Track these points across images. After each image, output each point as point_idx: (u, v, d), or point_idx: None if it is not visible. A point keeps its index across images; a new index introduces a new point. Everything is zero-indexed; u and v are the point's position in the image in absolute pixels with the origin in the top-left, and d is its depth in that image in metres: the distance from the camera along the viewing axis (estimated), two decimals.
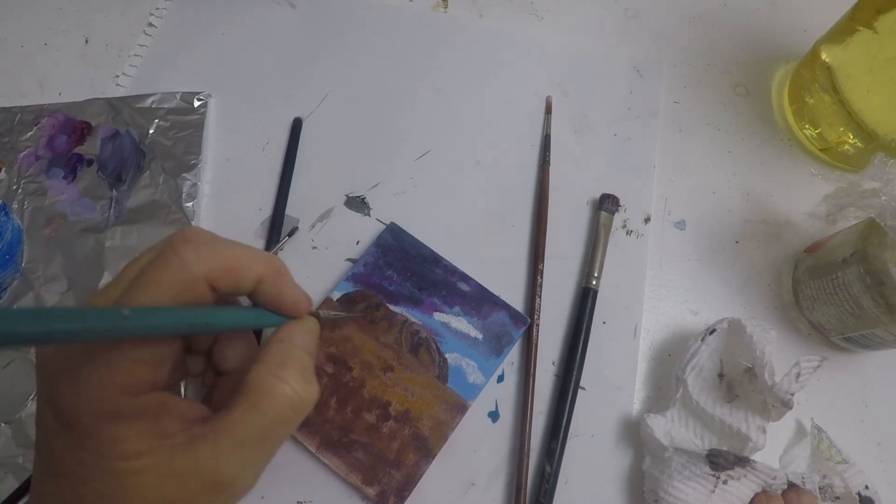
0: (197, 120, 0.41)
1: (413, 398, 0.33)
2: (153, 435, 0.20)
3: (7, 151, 0.40)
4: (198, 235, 0.21)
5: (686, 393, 0.32)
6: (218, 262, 0.21)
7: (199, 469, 0.20)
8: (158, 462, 0.20)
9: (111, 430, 0.19)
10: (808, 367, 0.29)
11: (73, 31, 0.45)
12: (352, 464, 0.32)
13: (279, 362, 0.22)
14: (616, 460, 0.33)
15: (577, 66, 0.44)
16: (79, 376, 0.19)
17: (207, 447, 0.20)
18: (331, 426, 0.32)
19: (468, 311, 0.35)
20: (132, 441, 0.20)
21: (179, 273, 0.20)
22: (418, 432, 0.32)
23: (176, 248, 0.21)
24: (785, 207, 0.40)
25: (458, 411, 0.33)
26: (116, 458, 0.19)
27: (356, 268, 0.36)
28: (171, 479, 0.20)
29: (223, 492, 0.21)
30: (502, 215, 0.39)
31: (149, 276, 0.20)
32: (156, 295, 0.20)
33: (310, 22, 0.45)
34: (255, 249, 0.23)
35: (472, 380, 0.34)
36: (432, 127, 0.42)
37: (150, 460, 0.20)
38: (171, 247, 0.21)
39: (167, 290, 0.20)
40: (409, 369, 0.34)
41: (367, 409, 0.33)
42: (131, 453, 0.20)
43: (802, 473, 0.30)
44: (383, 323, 0.35)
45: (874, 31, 0.34)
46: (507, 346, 0.35)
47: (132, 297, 0.20)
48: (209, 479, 0.21)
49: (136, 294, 0.20)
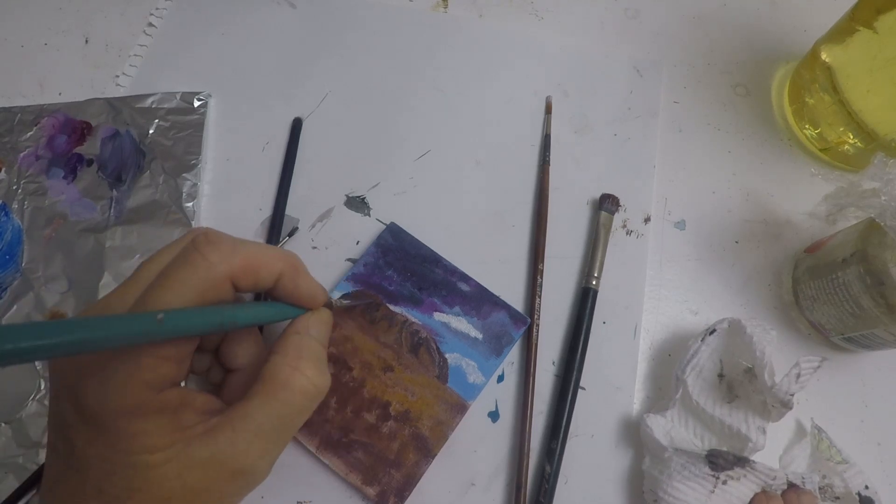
0: (197, 120, 0.41)
1: (413, 398, 0.33)
2: (174, 428, 0.21)
3: (7, 151, 0.40)
4: (219, 236, 0.22)
5: (686, 393, 0.32)
6: (240, 262, 0.22)
7: (219, 457, 0.21)
8: (179, 453, 0.21)
9: (135, 426, 0.20)
10: (808, 368, 0.29)
11: (73, 31, 0.45)
12: (352, 464, 0.32)
13: (296, 354, 0.23)
14: (616, 460, 0.33)
15: (577, 66, 0.44)
16: (106, 374, 0.20)
17: (226, 436, 0.21)
18: (331, 426, 0.32)
19: (468, 311, 0.35)
20: (154, 435, 0.20)
21: (204, 273, 0.21)
22: (418, 432, 0.32)
23: (200, 249, 0.21)
24: (785, 207, 0.40)
25: (458, 411, 0.33)
26: (140, 452, 0.20)
27: (356, 268, 0.36)
28: (192, 469, 0.21)
29: (242, 479, 0.22)
30: (502, 215, 0.39)
31: (174, 276, 0.21)
32: (182, 294, 0.20)
33: (310, 22, 0.45)
34: (272, 247, 0.24)
35: (472, 380, 0.34)
36: (432, 127, 0.42)
37: (171, 452, 0.20)
38: (194, 248, 0.21)
39: (193, 289, 0.21)
40: (409, 369, 0.34)
41: (367, 409, 0.33)
42: (154, 446, 0.20)
43: (802, 473, 0.30)
44: (383, 323, 0.35)
45: (874, 31, 0.34)
46: (507, 346, 0.34)
47: (157, 297, 0.20)
48: (229, 467, 0.21)
49: (161, 294, 0.20)
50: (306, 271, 0.25)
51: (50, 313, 0.35)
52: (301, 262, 0.25)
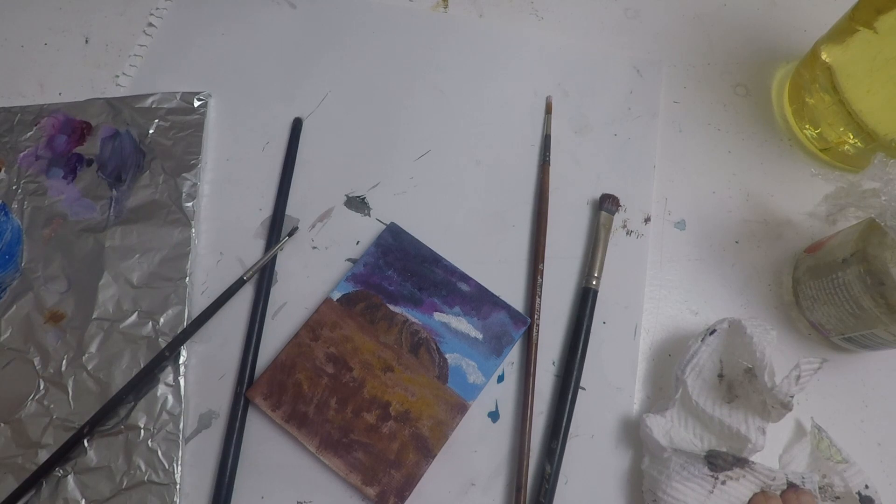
0: (197, 120, 0.41)
1: (413, 398, 0.33)
2: None
3: (7, 151, 0.40)
4: None
5: (685, 393, 0.32)
6: None
7: None
8: None
9: None
10: (808, 370, 0.29)
11: (73, 31, 0.45)
12: (352, 464, 0.32)
13: None
14: (616, 460, 0.33)
15: (577, 66, 0.44)
16: None
17: None
18: (331, 426, 0.32)
19: (468, 311, 0.35)
20: None
21: None
22: (418, 432, 0.32)
23: None
24: (785, 207, 0.40)
25: (458, 411, 0.33)
26: None
27: (356, 268, 0.36)
28: None
29: None
30: (502, 215, 0.39)
31: None
32: None
33: (310, 22, 0.45)
34: None
35: (472, 380, 0.34)
36: (432, 127, 0.42)
37: None
38: None
39: None
40: (409, 369, 0.34)
41: (367, 410, 0.33)
42: None
43: (802, 473, 0.30)
44: (383, 323, 0.35)
45: (874, 31, 0.34)
46: (507, 347, 0.34)
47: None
48: None
49: None
50: None
51: (49, 313, 0.35)
52: None
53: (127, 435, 0.33)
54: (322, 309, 0.35)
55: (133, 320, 0.35)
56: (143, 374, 0.33)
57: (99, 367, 0.34)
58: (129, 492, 0.31)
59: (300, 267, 0.37)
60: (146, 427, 0.33)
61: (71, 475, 0.32)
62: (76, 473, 0.32)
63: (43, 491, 0.31)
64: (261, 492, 0.32)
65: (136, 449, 0.32)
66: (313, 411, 0.33)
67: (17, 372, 0.34)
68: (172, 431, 0.33)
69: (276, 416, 0.33)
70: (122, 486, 0.32)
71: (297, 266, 0.37)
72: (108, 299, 0.36)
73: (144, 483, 0.32)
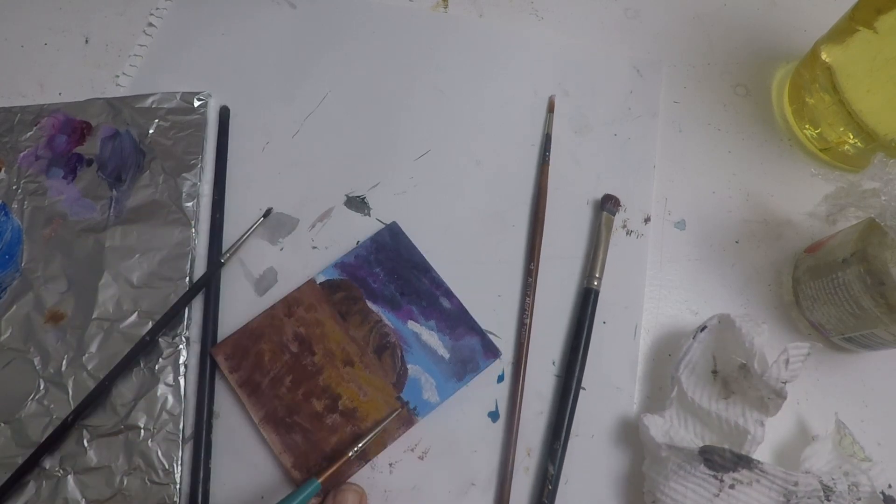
0: (197, 120, 0.41)
1: (364, 398, 0.33)
2: None
3: (7, 151, 0.40)
4: None
5: (681, 391, 0.32)
6: None
7: None
8: None
9: None
10: (798, 355, 0.29)
11: (73, 31, 0.45)
12: (288, 444, 0.32)
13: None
14: (616, 460, 0.33)
15: (577, 66, 0.44)
16: None
17: None
18: (279, 402, 0.33)
19: (443, 328, 0.35)
20: None
21: None
22: (359, 433, 0.32)
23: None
24: (785, 207, 0.40)
25: (404, 423, 0.32)
26: None
27: (346, 257, 0.36)
28: None
29: None
30: (502, 215, 0.39)
31: None
32: None
33: (310, 22, 0.45)
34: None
35: (426, 396, 0.33)
36: (432, 127, 0.42)
37: None
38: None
39: None
40: (368, 369, 0.34)
41: (317, 397, 0.33)
42: None
43: (832, 474, 0.29)
44: (357, 317, 0.35)
45: (874, 31, 0.34)
46: (470, 374, 0.34)
47: None
48: None
49: None
50: None
51: (49, 313, 0.35)
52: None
53: (127, 435, 0.33)
54: (303, 288, 0.35)
55: (133, 320, 0.35)
56: (126, 362, 0.33)
57: (99, 367, 0.34)
58: (129, 492, 0.31)
59: (300, 267, 0.37)
60: (146, 427, 0.33)
61: (71, 475, 0.32)
62: (76, 473, 0.32)
63: (43, 491, 0.31)
64: (260, 492, 0.32)
65: (136, 449, 0.32)
66: (267, 384, 0.33)
67: (17, 372, 0.34)
68: (172, 431, 0.33)
69: (231, 378, 0.33)
70: (122, 486, 0.32)
71: (297, 266, 0.37)
72: (108, 299, 0.36)
73: (144, 483, 0.32)
